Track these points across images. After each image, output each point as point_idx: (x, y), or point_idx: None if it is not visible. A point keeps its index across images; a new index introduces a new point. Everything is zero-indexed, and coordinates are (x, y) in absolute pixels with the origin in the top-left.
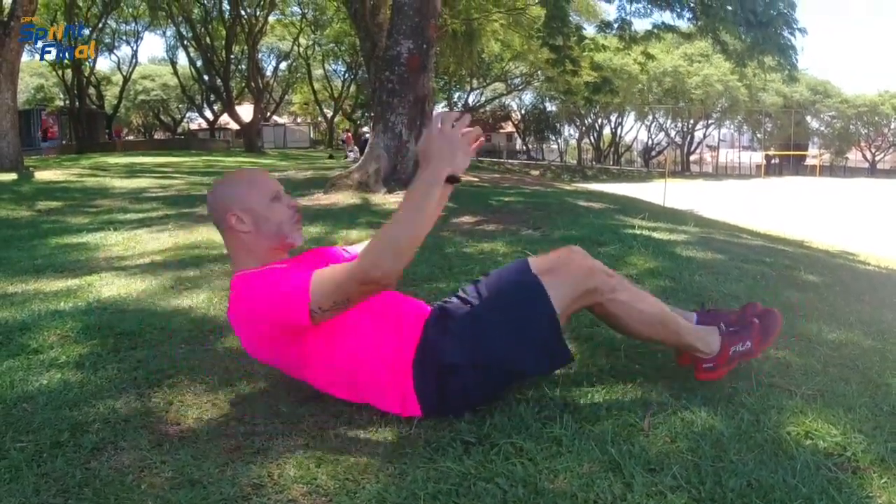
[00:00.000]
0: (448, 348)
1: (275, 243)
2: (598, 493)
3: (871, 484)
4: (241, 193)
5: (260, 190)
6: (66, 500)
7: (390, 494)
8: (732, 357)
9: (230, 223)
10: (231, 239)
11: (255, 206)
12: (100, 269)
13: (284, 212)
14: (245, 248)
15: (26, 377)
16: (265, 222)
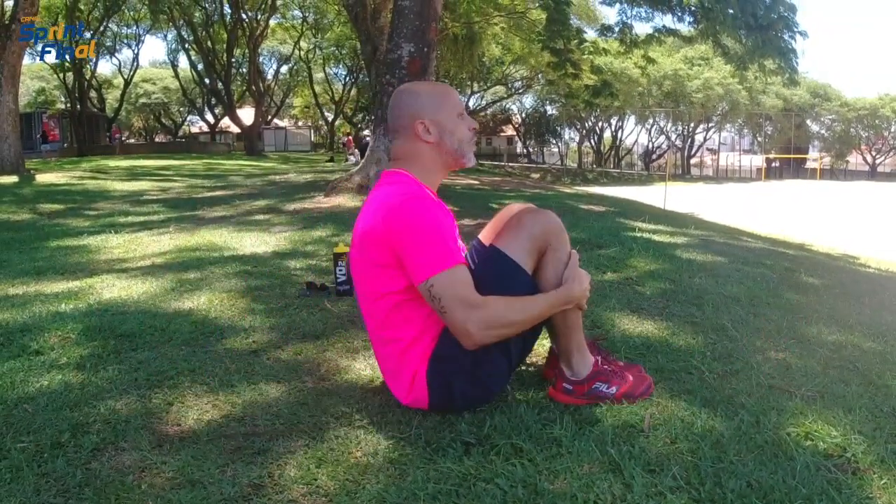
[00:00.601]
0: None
1: (450, 159)
2: (597, 494)
3: (871, 485)
4: (433, 104)
5: (451, 104)
6: (66, 500)
7: (390, 495)
8: (592, 392)
9: (417, 131)
10: (410, 146)
11: (444, 120)
12: (101, 271)
13: (466, 132)
14: (420, 157)
15: (27, 378)
16: (450, 136)
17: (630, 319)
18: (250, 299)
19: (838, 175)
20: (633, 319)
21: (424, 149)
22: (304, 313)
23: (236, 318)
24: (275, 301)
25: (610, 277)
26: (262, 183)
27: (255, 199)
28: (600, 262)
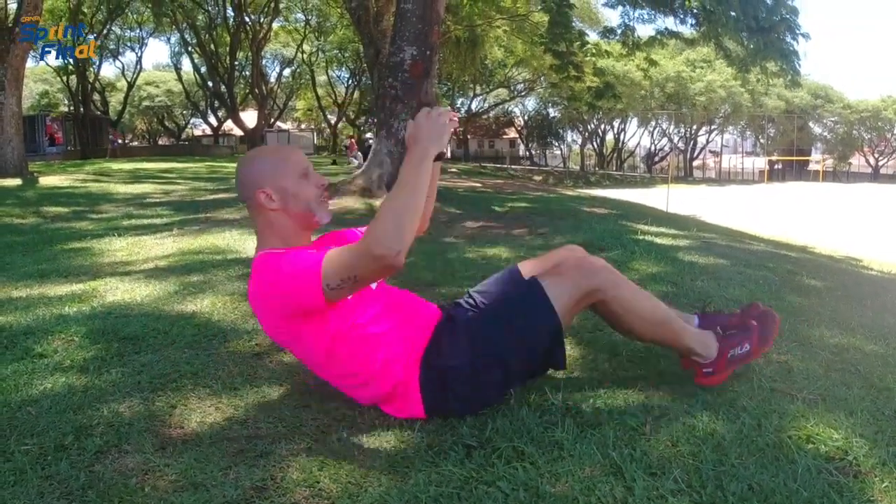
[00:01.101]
0: (452, 351)
1: (302, 222)
2: (599, 497)
3: (872, 488)
4: (270, 170)
5: (290, 167)
6: (70, 503)
7: (392, 498)
8: (731, 361)
9: (259, 200)
10: (258, 216)
11: (285, 184)
12: (104, 274)
13: (313, 190)
14: (271, 227)
15: (31, 381)
16: (294, 200)
17: None
18: None
19: (841, 177)
20: None
21: (272, 217)
22: None
23: (239, 322)
24: None
25: None
26: None
27: None
28: None
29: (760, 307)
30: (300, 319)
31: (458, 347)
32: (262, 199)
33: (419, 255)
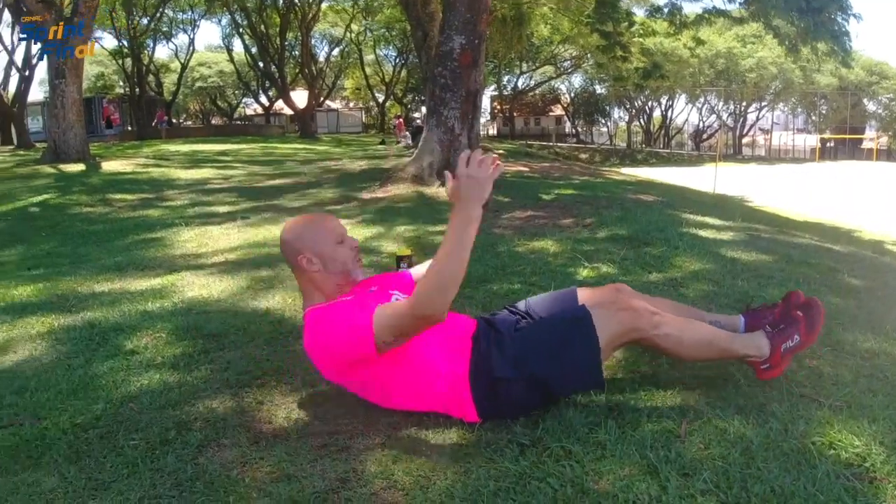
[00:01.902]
0: (499, 363)
1: (340, 280)
2: (636, 495)
3: (885, 493)
4: (310, 238)
5: (327, 235)
6: (180, 493)
7: (458, 490)
8: (785, 353)
9: (301, 264)
10: (301, 277)
11: (323, 249)
12: (178, 267)
13: (348, 253)
14: (314, 285)
15: (127, 378)
16: (332, 262)
17: None
18: None
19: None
20: None
21: (314, 277)
22: None
23: None
24: None
25: (655, 278)
26: (319, 170)
27: (313, 188)
28: (646, 262)
29: (802, 296)
30: (356, 366)
31: (506, 360)
32: (304, 264)
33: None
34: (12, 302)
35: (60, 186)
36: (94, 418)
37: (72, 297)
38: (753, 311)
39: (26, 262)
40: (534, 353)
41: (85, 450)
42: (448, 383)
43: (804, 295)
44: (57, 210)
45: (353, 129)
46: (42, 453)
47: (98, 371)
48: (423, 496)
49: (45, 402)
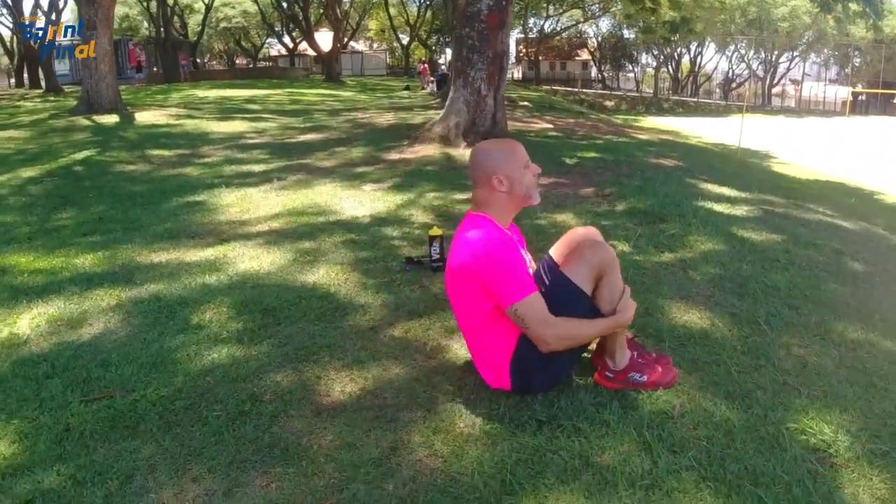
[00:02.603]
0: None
1: (520, 202)
2: (632, 468)
3: (842, 477)
4: (504, 161)
5: (518, 160)
6: (262, 458)
7: (486, 460)
8: (627, 380)
9: (493, 184)
10: (488, 194)
11: (513, 173)
12: (227, 236)
13: (531, 178)
14: (494, 202)
15: (199, 351)
16: (519, 184)
17: (678, 308)
18: (360, 273)
19: None
20: (681, 308)
21: (499, 196)
22: (406, 290)
23: (353, 294)
24: (381, 275)
25: (667, 258)
26: (348, 125)
27: (343, 146)
28: (660, 241)
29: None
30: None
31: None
32: (495, 183)
33: None
34: (77, 272)
35: (99, 141)
36: (177, 391)
37: (132, 267)
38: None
39: (81, 227)
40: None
41: (174, 420)
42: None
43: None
44: (100, 168)
45: (377, 72)
46: (137, 423)
47: (172, 345)
48: (458, 464)
49: (130, 376)
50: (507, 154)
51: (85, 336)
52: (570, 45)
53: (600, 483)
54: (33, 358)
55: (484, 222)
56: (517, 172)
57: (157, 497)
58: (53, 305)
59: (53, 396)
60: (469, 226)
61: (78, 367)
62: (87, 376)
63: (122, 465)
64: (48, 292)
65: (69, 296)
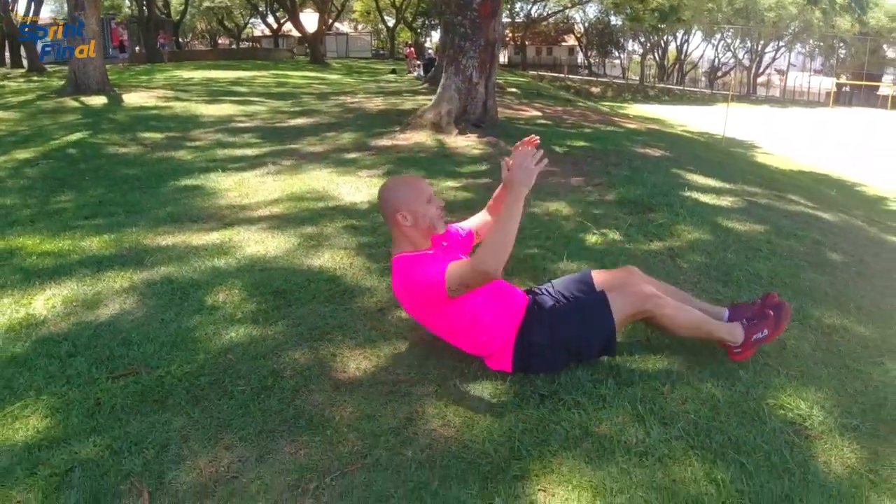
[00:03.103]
0: (538, 332)
1: (426, 233)
2: (626, 437)
3: (816, 448)
4: (406, 198)
5: (419, 196)
6: (288, 428)
7: (495, 428)
8: (754, 343)
9: (397, 220)
10: (395, 229)
11: (417, 208)
12: (229, 220)
13: (434, 211)
14: (404, 236)
15: (217, 331)
16: (422, 218)
17: None
18: (364, 257)
19: None
20: None
21: (405, 230)
22: None
23: (359, 277)
24: (384, 260)
25: (656, 247)
26: (338, 109)
27: (335, 130)
28: (649, 231)
29: (776, 298)
30: (433, 308)
31: (542, 330)
32: (399, 219)
33: None
34: (86, 255)
35: (89, 123)
36: (200, 367)
37: (140, 250)
38: (735, 307)
39: (82, 210)
40: (565, 327)
41: (201, 394)
42: (500, 341)
43: (778, 297)
44: (93, 151)
45: (362, 54)
46: (165, 398)
47: (189, 325)
48: (469, 432)
49: (153, 354)
50: (408, 190)
51: (102, 316)
52: (557, 30)
53: (599, 450)
54: (53, 337)
55: (400, 263)
56: (419, 207)
57: (192, 464)
58: (66, 287)
59: (79, 374)
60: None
61: (99, 345)
62: (109, 354)
63: (156, 436)
64: (59, 274)
65: (81, 277)
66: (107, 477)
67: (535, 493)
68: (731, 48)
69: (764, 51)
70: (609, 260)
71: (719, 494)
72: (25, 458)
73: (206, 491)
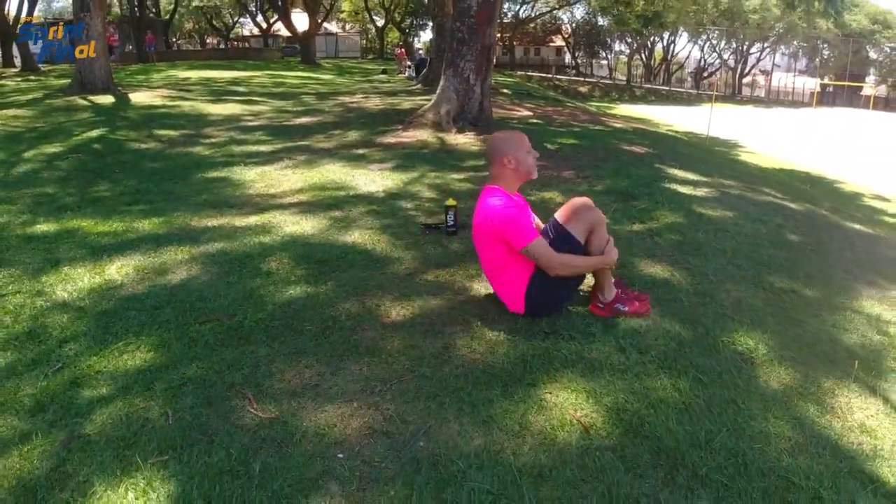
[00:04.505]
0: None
1: (524, 177)
2: (611, 361)
3: (759, 370)
4: (513, 146)
5: (524, 146)
6: (351, 353)
7: (511, 354)
8: (615, 309)
9: (504, 163)
10: (500, 170)
11: (520, 155)
12: (263, 206)
13: (531, 160)
14: (504, 176)
15: (277, 289)
16: (523, 164)
17: (647, 263)
18: (389, 235)
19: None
20: (649, 263)
21: (508, 172)
22: (430, 248)
23: (387, 250)
24: (406, 237)
25: (638, 228)
26: (339, 109)
27: (340, 129)
28: (632, 215)
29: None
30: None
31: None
32: (505, 162)
33: None
34: (142, 234)
35: (104, 121)
36: (270, 314)
37: (191, 230)
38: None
39: (122, 197)
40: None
41: (276, 333)
42: (519, 288)
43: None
44: (116, 146)
45: (351, 54)
46: (248, 335)
47: (252, 286)
48: (491, 357)
49: (228, 306)
50: (515, 141)
51: (174, 280)
52: (545, 30)
53: (590, 369)
54: (136, 296)
55: (497, 192)
56: (522, 155)
57: (281, 377)
58: (134, 259)
59: (168, 321)
60: (487, 194)
61: (179, 301)
62: (190, 307)
63: (247, 360)
64: (123, 249)
65: (145, 251)
66: (214, 387)
67: (543, 395)
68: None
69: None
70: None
71: (681, 397)
72: (140, 379)
73: (296, 393)
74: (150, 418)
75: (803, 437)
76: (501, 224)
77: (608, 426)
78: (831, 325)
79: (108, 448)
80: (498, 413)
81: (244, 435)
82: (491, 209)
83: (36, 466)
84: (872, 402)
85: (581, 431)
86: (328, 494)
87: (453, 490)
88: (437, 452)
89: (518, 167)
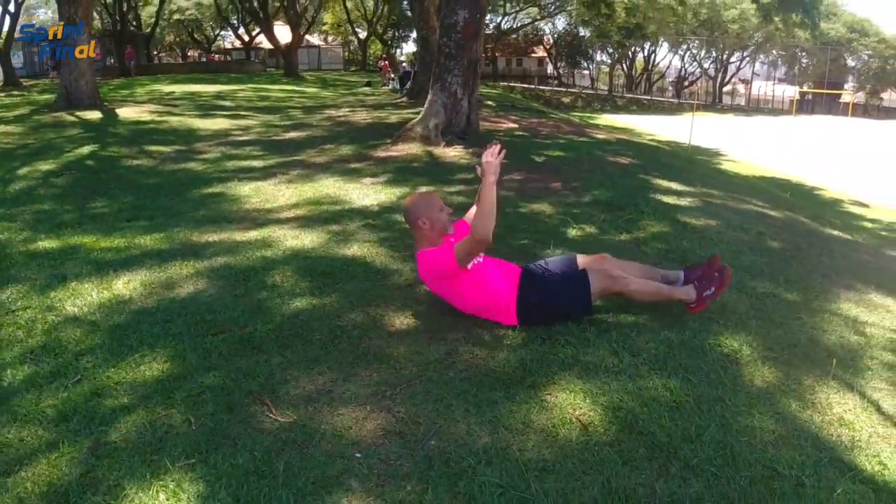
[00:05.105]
0: (534, 295)
1: (440, 233)
2: (605, 364)
3: (743, 370)
4: (425, 208)
5: (434, 205)
6: (360, 360)
7: (511, 358)
8: (705, 298)
9: (419, 225)
10: (417, 232)
11: (432, 215)
12: (261, 221)
13: (445, 217)
14: (425, 237)
15: (284, 302)
16: (437, 223)
17: None
18: (387, 248)
19: (872, 112)
20: None
21: (426, 232)
22: None
23: (386, 263)
24: (404, 250)
25: (624, 238)
26: (328, 123)
27: (331, 143)
28: (619, 225)
29: (719, 262)
30: (451, 280)
31: (537, 293)
32: (420, 224)
33: None
34: (145, 249)
35: (94, 137)
36: (279, 325)
37: (193, 245)
38: (689, 269)
39: (121, 214)
40: (556, 292)
41: (287, 343)
42: (504, 303)
43: (720, 262)
44: (109, 163)
45: (334, 66)
46: (260, 345)
47: (259, 298)
48: (493, 361)
49: (238, 318)
50: (425, 203)
51: (181, 294)
52: (527, 41)
53: (586, 371)
54: (146, 310)
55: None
56: (434, 214)
57: (296, 383)
58: (140, 274)
59: (182, 332)
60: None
61: (189, 313)
62: (200, 319)
63: (262, 369)
64: (128, 264)
65: (150, 266)
66: (233, 394)
67: (543, 396)
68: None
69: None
70: (587, 248)
71: (672, 396)
72: (159, 388)
73: (311, 398)
74: (173, 425)
75: (786, 430)
76: (430, 266)
77: (605, 423)
78: (811, 326)
79: (135, 454)
80: (502, 413)
81: (265, 438)
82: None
83: (65, 473)
84: (850, 398)
85: (580, 429)
86: (349, 490)
87: (465, 483)
88: (447, 450)
89: (433, 226)
